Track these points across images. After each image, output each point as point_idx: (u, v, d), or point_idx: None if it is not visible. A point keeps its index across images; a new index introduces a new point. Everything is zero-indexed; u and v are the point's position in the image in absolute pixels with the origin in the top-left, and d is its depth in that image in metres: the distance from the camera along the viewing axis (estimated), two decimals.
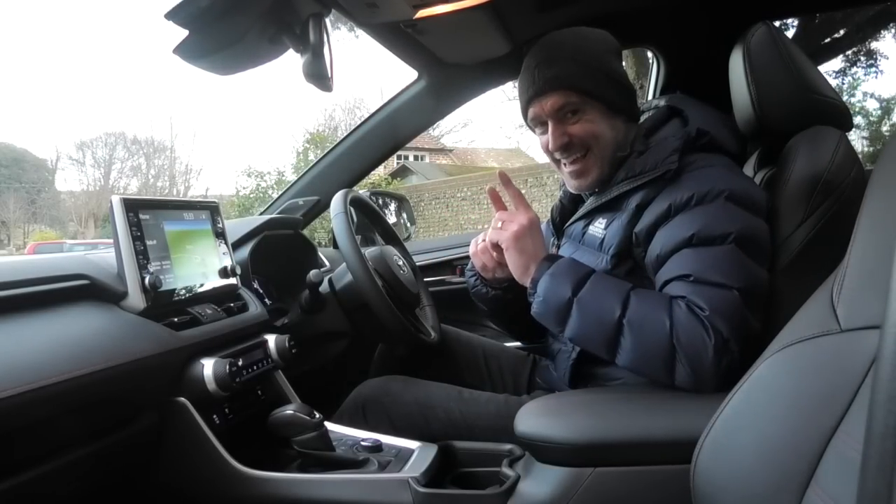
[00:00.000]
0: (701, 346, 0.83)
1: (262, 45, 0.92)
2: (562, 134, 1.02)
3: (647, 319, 0.86)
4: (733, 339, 0.83)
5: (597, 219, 1.05)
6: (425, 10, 1.14)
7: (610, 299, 0.89)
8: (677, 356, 0.84)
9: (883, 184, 0.61)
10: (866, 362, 0.53)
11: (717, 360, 0.82)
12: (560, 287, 0.92)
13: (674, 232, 0.91)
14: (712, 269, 0.86)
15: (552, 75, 1.00)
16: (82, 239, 20.92)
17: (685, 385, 0.85)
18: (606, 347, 0.89)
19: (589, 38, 1.04)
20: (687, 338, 0.84)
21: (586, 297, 0.90)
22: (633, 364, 0.87)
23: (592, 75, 1.00)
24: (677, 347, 0.84)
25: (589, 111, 1.01)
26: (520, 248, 0.99)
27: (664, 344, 0.84)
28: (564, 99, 1.00)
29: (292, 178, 10.77)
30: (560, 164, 1.07)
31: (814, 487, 0.54)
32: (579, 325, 0.90)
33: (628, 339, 0.87)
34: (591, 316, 0.89)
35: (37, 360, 0.72)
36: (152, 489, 0.99)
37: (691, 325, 0.84)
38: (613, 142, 1.03)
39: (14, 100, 43.48)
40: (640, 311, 0.87)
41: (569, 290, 0.91)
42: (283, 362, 1.12)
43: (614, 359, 0.89)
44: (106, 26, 49.72)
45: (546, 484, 0.84)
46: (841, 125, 1.00)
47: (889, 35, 6.71)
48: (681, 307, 0.86)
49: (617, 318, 0.87)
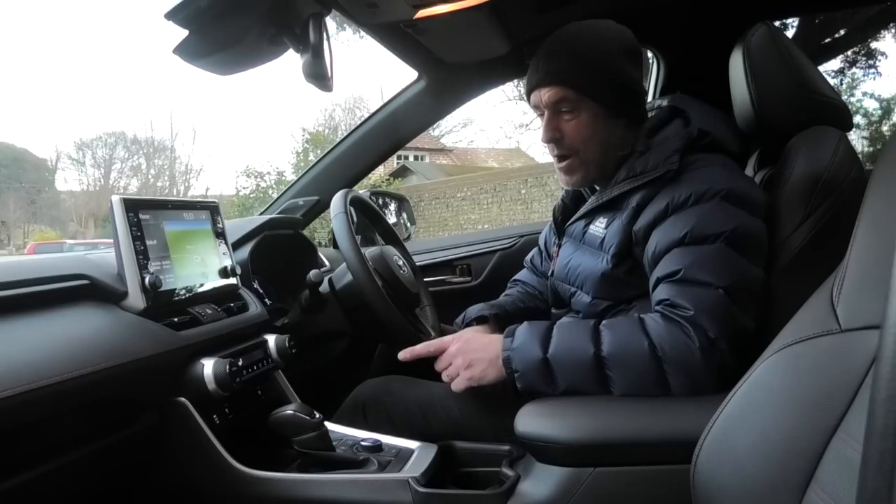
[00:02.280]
0: (686, 350, 0.83)
1: (262, 45, 0.92)
2: (554, 128, 1.04)
3: (625, 344, 0.87)
4: (720, 337, 0.83)
5: (597, 218, 1.05)
6: (425, 10, 1.14)
7: (579, 341, 0.89)
8: (666, 369, 0.84)
9: (883, 184, 0.61)
10: (866, 362, 0.53)
11: (705, 360, 0.83)
12: (529, 353, 0.92)
13: (668, 231, 0.92)
14: (699, 268, 0.87)
15: (552, 69, 1.01)
16: (82, 239, 20.91)
17: (683, 392, 0.85)
18: (598, 385, 0.89)
19: (601, 36, 1.04)
20: (670, 347, 0.84)
21: (557, 350, 0.90)
22: (629, 391, 0.87)
23: (592, 75, 1.00)
24: (664, 360, 0.84)
25: (584, 110, 1.02)
26: (478, 359, 0.99)
27: (649, 362, 0.85)
28: (561, 94, 1.01)
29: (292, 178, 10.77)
30: (554, 159, 1.09)
31: (814, 487, 0.54)
32: (564, 377, 0.90)
33: (614, 370, 0.87)
34: (570, 364, 0.89)
35: (37, 360, 0.72)
36: (152, 489, 0.99)
37: (671, 333, 0.85)
38: (605, 144, 1.03)
39: (14, 100, 43.55)
40: (615, 340, 0.88)
41: (538, 350, 0.91)
42: (283, 362, 1.12)
43: (610, 392, 0.89)
44: (105, 25, 49.77)
45: (546, 484, 0.84)
46: (841, 125, 1.00)
47: (889, 35, 6.71)
48: (655, 320, 0.87)
49: (593, 356, 0.87)
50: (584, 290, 1.05)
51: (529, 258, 1.37)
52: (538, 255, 1.34)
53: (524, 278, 1.35)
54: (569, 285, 1.09)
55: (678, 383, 0.84)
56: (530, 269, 1.36)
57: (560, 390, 0.91)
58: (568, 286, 1.10)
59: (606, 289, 1.01)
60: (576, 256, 1.07)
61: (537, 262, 1.34)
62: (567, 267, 1.09)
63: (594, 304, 1.03)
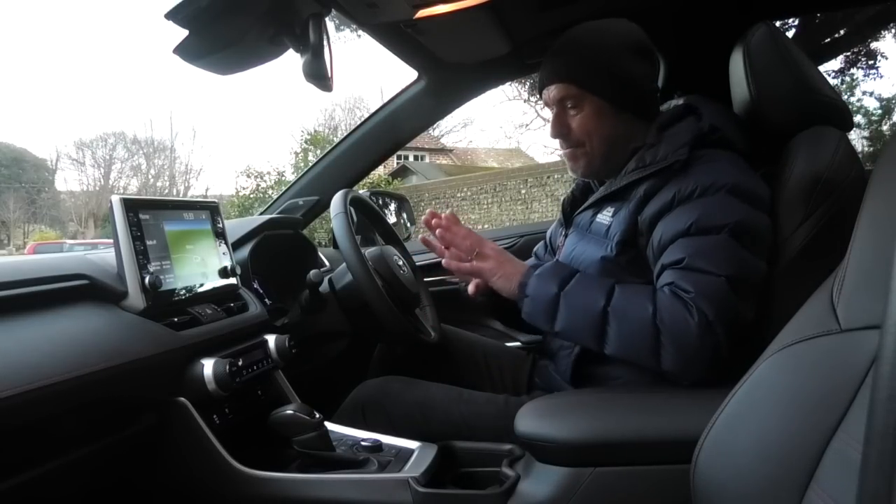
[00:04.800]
0: (684, 325, 0.85)
1: (262, 45, 0.92)
2: (560, 124, 1.08)
3: (631, 306, 0.90)
4: (718, 321, 0.85)
5: (605, 207, 1.07)
6: (425, 10, 1.15)
7: (594, 292, 0.93)
8: (661, 339, 0.86)
9: (883, 184, 0.61)
10: (866, 362, 0.53)
11: (700, 340, 0.84)
12: (547, 285, 0.96)
13: (674, 222, 0.93)
14: (702, 257, 0.89)
15: (556, 67, 1.06)
16: (82, 239, 20.93)
17: (672, 368, 0.86)
18: (594, 338, 0.91)
19: (604, 33, 1.07)
20: (670, 318, 0.86)
21: (572, 292, 0.94)
22: (620, 351, 0.90)
23: (591, 70, 1.03)
24: (661, 329, 0.86)
25: (587, 105, 1.05)
26: (503, 273, 1.03)
27: (648, 328, 0.87)
28: (565, 91, 1.05)
29: (292, 178, 10.77)
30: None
31: (814, 487, 0.54)
32: (567, 318, 0.93)
33: (613, 327, 0.90)
34: (578, 308, 0.93)
35: (37, 360, 0.72)
36: (152, 489, 0.99)
37: (674, 306, 0.87)
38: (610, 137, 1.06)
39: (14, 100, 43.53)
40: (624, 300, 0.91)
41: (555, 286, 0.95)
42: (283, 362, 1.12)
43: (602, 348, 0.91)
44: (105, 25, 49.76)
45: (546, 484, 0.84)
46: (841, 125, 1.00)
47: (889, 35, 6.71)
48: (664, 293, 0.89)
49: (601, 308, 0.90)
50: None
51: (535, 249, 1.39)
52: (542, 249, 1.36)
53: None
54: None
55: (669, 357, 0.86)
56: (534, 261, 1.36)
57: (556, 329, 0.95)
58: None
59: (607, 276, 1.01)
60: (580, 245, 1.09)
61: (541, 254, 1.35)
62: (571, 255, 1.09)
63: None
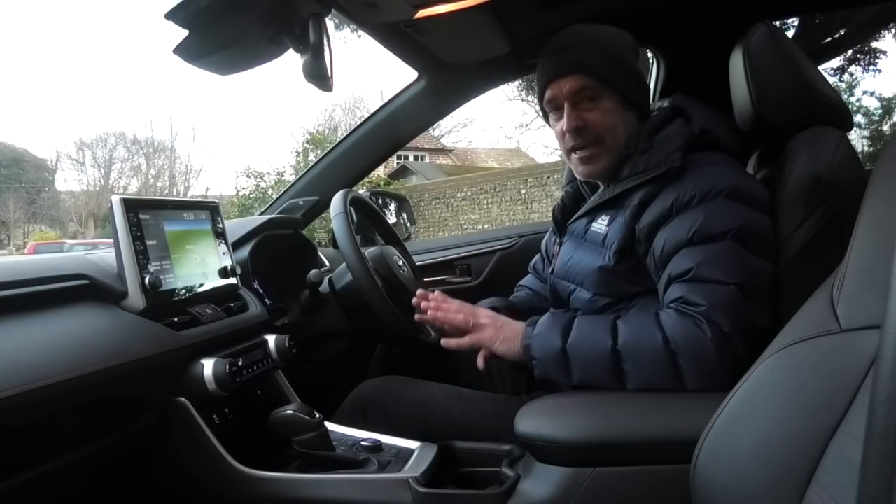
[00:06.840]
0: (698, 343, 0.84)
1: (262, 45, 0.92)
2: (577, 118, 1.03)
3: (640, 339, 0.88)
4: (734, 331, 0.84)
5: (600, 216, 1.06)
6: (425, 10, 1.14)
7: (599, 334, 0.91)
8: (679, 362, 0.85)
9: (883, 184, 0.61)
10: (866, 362, 0.53)
11: (718, 353, 0.83)
12: (550, 341, 0.94)
13: (675, 231, 0.92)
14: (710, 267, 0.88)
15: (574, 58, 1.02)
16: (82, 239, 20.92)
17: (698, 387, 0.85)
18: (613, 379, 0.89)
19: (611, 31, 1.07)
20: (683, 339, 0.85)
21: (577, 341, 0.92)
22: (644, 385, 0.88)
23: (613, 63, 1.02)
24: (677, 353, 0.85)
25: (605, 99, 1.02)
26: (503, 338, 1.00)
27: (663, 356, 0.85)
28: (584, 82, 1.01)
29: (292, 178, 10.77)
30: (571, 151, 1.07)
31: (814, 487, 0.54)
32: (581, 368, 0.91)
33: (629, 363, 0.88)
34: (588, 356, 0.91)
35: (37, 360, 0.72)
36: (152, 489, 0.99)
37: (684, 326, 0.85)
38: (625, 135, 1.04)
39: (14, 100, 43.52)
40: (631, 334, 0.89)
41: (558, 340, 0.93)
42: (283, 362, 1.12)
43: (625, 387, 0.89)
44: (105, 25, 49.74)
45: (546, 484, 0.84)
46: (841, 125, 1.00)
47: (889, 35, 6.71)
48: (670, 314, 0.88)
49: (611, 349, 0.89)
50: (584, 287, 1.05)
51: (532, 264, 1.37)
52: (541, 261, 1.35)
53: (529, 284, 1.35)
54: (568, 282, 1.09)
55: (692, 377, 0.85)
56: (534, 275, 1.36)
57: (575, 381, 0.92)
58: (567, 283, 1.10)
59: (606, 285, 1.01)
60: (577, 254, 1.07)
61: (540, 267, 1.34)
62: (568, 264, 1.09)
63: (594, 301, 1.03)
